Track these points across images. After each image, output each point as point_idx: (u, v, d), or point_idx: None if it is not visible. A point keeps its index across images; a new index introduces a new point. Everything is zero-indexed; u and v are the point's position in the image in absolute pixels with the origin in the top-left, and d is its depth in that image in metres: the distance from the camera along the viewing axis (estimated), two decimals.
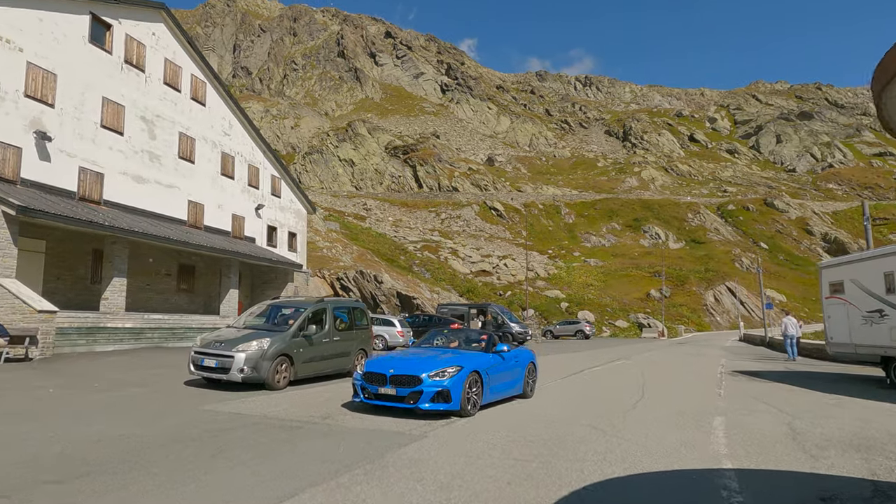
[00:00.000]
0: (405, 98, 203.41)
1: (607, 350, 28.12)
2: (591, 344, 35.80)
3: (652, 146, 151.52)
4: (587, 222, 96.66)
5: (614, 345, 35.04)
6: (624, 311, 56.58)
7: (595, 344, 35.70)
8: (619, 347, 31.35)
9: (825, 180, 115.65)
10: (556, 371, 15.87)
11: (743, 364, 19.74)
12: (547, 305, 56.07)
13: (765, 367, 18.35)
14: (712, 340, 41.70)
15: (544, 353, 24.86)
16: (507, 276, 69.24)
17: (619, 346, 33.86)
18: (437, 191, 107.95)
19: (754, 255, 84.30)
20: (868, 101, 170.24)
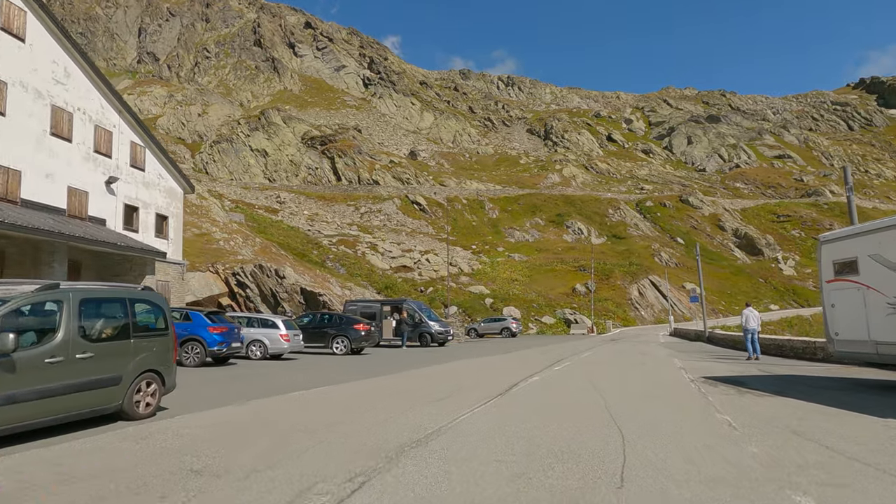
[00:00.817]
0: (326, 91, 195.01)
1: (539, 350, 24.10)
2: (519, 343, 31.85)
3: (572, 145, 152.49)
4: (511, 217, 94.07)
5: (544, 343, 31.26)
6: (550, 306, 53.57)
7: (523, 343, 31.77)
8: (551, 346, 27.50)
9: (733, 179, 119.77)
10: (481, 385, 11.34)
11: (705, 366, 16.07)
12: (471, 302, 52.05)
13: (737, 370, 14.68)
14: (643, 336, 39.03)
15: (468, 356, 20.37)
16: (430, 272, 64.81)
17: (549, 344, 30.08)
18: (357, 184, 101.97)
19: (672, 249, 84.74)
20: (766, 108, 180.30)
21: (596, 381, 12.33)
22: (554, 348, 25.85)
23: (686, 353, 21.64)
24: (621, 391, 10.68)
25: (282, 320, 17.95)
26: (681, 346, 26.64)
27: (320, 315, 22.29)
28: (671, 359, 18.69)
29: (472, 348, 27.17)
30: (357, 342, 21.21)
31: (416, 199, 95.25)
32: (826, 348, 14.32)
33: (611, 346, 27.38)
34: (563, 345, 29.50)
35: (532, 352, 23.25)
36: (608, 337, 38.82)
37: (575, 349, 24.84)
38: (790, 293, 75.64)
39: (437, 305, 51.82)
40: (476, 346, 29.71)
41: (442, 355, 21.59)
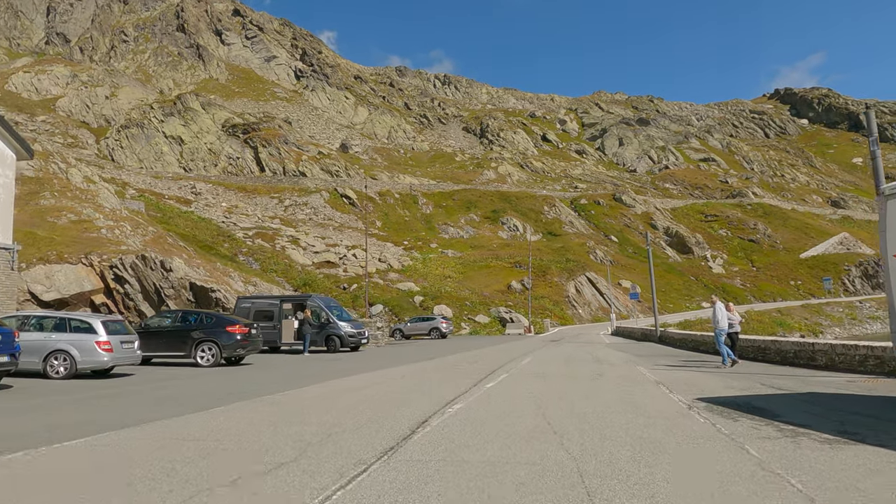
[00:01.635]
0: (255, 81, 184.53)
1: (469, 356, 19.48)
2: (448, 346, 27.18)
3: (508, 143, 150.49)
4: (445, 213, 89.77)
5: (477, 345, 26.74)
6: (484, 304, 49.42)
7: (453, 346, 27.12)
8: (485, 350, 22.98)
9: (662, 180, 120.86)
10: (362, 428, 6.40)
11: (684, 378, 11.85)
12: (399, 300, 47.06)
13: (735, 385, 10.47)
14: (584, 335, 35.36)
15: (377, 366, 15.43)
16: (356, 268, 59.29)
17: (483, 346, 25.58)
18: (282, 175, 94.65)
19: (607, 247, 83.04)
20: (691, 114, 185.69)
21: (550, 414, 7.69)
22: (487, 353, 21.33)
23: (645, 356, 17.61)
24: (599, 438, 6.03)
25: (102, 321, 12.31)
26: (631, 347, 22.78)
27: (182, 314, 16.66)
28: (634, 367, 14.47)
29: (391, 354, 22.24)
30: (231, 349, 15.80)
31: (345, 193, 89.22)
32: (888, 354, 10.37)
33: (553, 348, 23.17)
34: (497, 347, 25.10)
35: (460, 358, 18.59)
36: (547, 337, 34.87)
37: (511, 353, 20.39)
38: (720, 291, 75.29)
39: (361, 304, 46.53)
40: (397, 350, 24.77)
41: (344, 365, 16.53)
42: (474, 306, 48.41)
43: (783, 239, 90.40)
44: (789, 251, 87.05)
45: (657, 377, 11.92)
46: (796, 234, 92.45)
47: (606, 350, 21.11)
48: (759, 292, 76.37)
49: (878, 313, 65.79)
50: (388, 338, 36.86)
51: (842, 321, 62.35)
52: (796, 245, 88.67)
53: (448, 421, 7.19)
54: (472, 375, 12.86)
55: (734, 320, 15.01)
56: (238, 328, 16.00)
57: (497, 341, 31.21)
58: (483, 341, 31.93)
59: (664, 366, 14.64)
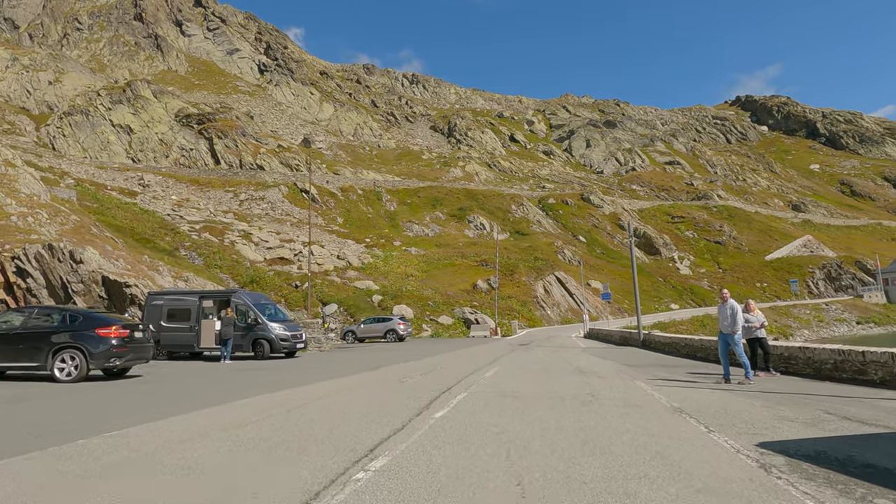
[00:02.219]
0: (216, 74, 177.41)
1: (423, 365, 15.82)
2: (404, 350, 23.48)
3: (475, 143, 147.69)
4: (410, 210, 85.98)
5: (436, 350, 23.11)
6: (448, 304, 45.84)
7: (408, 351, 23.42)
8: (444, 357, 19.37)
9: (629, 182, 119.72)
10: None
11: (714, 403, 8.45)
12: (355, 299, 43.06)
13: (803, 420, 7.03)
14: (556, 338, 32.10)
15: (307, 380, 11.62)
16: (312, 265, 54.95)
17: (443, 351, 21.97)
18: (239, 168, 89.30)
19: (575, 247, 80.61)
20: (656, 118, 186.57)
21: (532, 487, 4.08)
22: (446, 360, 17.72)
23: (636, 366, 14.26)
24: None
25: None
26: (614, 353, 19.48)
27: (39, 312, 12.49)
28: (631, 381, 11.05)
29: (331, 361, 18.41)
30: (101, 358, 11.74)
31: (305, 188, 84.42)
32: None
33: (524, 354, 19.71)
34: (459, 352, 21.52)
35: (412, 368, 14.94)
36: (515, 340, 31.47)
37: (475, 361, 16.83)
38: (688, 292, 73.66)
39: (315, 303, 42.39)
40: (341, 356, 20.93)
41: (262, 378, 12.68)
42: (437, 306, 44.78)
43: (748, 241, 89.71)
44: (754, 253, 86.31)
45: (671, 400, 8.50)
46: (760, 237, 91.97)
47: (587, 357, 17.73)
48: None
49: (844, 315, 65.03)
50: (338, 341, 32.91)
51: (809, 323, 61.15)
52: (761, 247, 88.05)
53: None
54: (420, 396, 9.21)
55: (755, 322, 11.76)
56: (114, 330, 11.93)
57: (460, 345, 27.63)
58: (444, 345, 28.31)
59: (667, 380, 11.27)
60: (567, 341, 28.21)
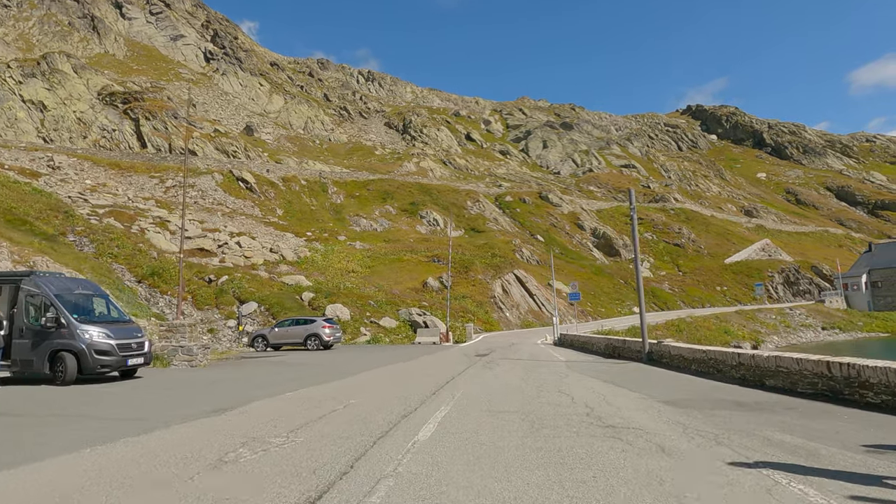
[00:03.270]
0: (157, 60, 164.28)
1: (324, 399, 8.89)
2: (319, 365, 16.38)
3: (431, 140, 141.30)
4: (358, 204, 78.48)
5: (364, 365, 16.13)
6: (393, 304, 38.81)
7: (325, 366, 16.34)
8: (369, 378, 12.42)
9: (586, 183, 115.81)
10: None
11: None
12: (280, 297, 35.46)
13: None
14: (520, 345, 25.60)
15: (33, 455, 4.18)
16: (238, 258, 46.91)
17: (371, 367, 15.01)
18: (167, 153, 79.55)
19: (533, 246, 74.99)
20: (610, 124, 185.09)
21: None
22: (369, 387, 10.87)
23: (702, 412, 7.67)
24: None
25: None
26: (618, 374, 13.00)
27: None
28: (770, 480, 4.39)
29: (172, 389, 11.17)
30: None
31: (242, 176, 75.68)
32: None
33: (486, 375, 12.99)
34: (395, 369, 14.67)
35: (302, 408, 8.10)
36: (471, 348, 24.78)
37: (410, 392, 10.02)
38: (650, 295, 69.09)
39: (229, 300, 34.60)
40: (215, 376, 13.68)
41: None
42: (380, 306, 37.70)
43: (707, 244, 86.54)
44: (713, 256, 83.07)
45: None
46: (719, 240, 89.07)
47: (587, 383, 11.16)
48: (687, 297, 70.96)
49: (809, 321, 61.76)
50: (248, 349, 25.47)
51: (776, 328, 57.34)
52: (720, 251, 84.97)
53: None
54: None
55: None
56: None
57: (400, 355, 20.74)
58: (380, 355, 21.37)
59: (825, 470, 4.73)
60: (537, 351, 21.76)
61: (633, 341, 17.64)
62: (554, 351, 21.82)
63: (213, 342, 30.64)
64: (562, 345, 26.05)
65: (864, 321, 61.66)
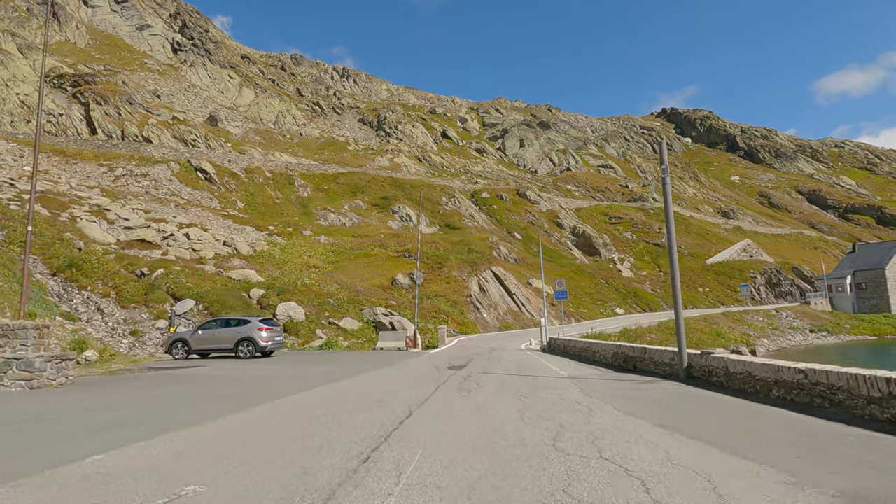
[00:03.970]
0: (122, 50, 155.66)
1: (139, 473, 3.90)
2: (231, 383, 11.42)
3: (406, 136, 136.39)
4: (326, 197, 73.17)
5: (287, 387, 11.24)
6: (356, 303, 33.87)
7: (236, 385, 11.40)
8: (265, 415, 7.54)
9: (564, 181, 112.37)
10: None
11: None
12: (223, 294, 30.20)
13: None
14: (502, 352, 20.95)
15: None
16: (184, 251, 41.33)
17: (292, 392, 10.14)
18: (119, 140, 73.05)
19: (510, 244, 70.76)
20: (587, 125, 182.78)
21: None
22: (262, 427, 6.17)
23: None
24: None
25: None
26: (666, 405, 8.45)
27: None
28: None
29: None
30: None
31: (201, 166, 69.69)
32: None
33: (466, 408, 8.33)
34: (325, 393, 9.93)
35: (78, 491, 3.07)
36: (444, 357, 20.04)
37: (314, 461, 5.29)
38: (632, 296, 65.50)
39: (160, 297, 29.20)
40: (38, 406, 8.65)
41: None
42: (341, 305, 32.73)
43: (687, 244, 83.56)
44: (694, 257, 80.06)
45: None
46: (699, 240, 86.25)
47: (627, 424, 6.65)
48: (670, 298, 67.37)
49: (796, 323, 58.79)
50: (158, 355, 20.30)
51: (765, 331, 54.11)
52: (700, 251, 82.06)
53: None
54: None
55: None
56: None
57: (350, 367, 15.90)
58: (324, 367, 16.49)
59: None
60: (525, 360, 17.15)
61: (657, 350, 13.15)
62: (545, 360, 17.26)
63: (135, 346, 25.32)
64: (552, 351, 21.53)
65: (850, 324, 58.98)
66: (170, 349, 19.88)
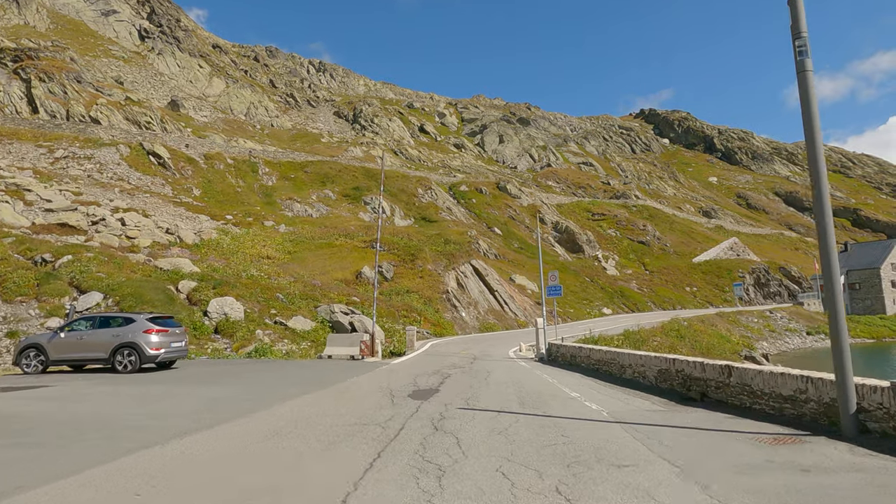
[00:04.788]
0: (85, 35, 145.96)
1: None
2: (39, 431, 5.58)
3: (382, 130, 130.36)
4: (293, 186, 66.94)
5: (83, 457, 5.54)
6: (312, 299, 28.08)
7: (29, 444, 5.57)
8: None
9: (545, 178, 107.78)
10: None
11: None
12: (141, 286, 24.09)
13: None
14: (491, 364, 15.46)
15: None
16: (115, 238, 34.96)
17: (107, 460, 4.43)
18: (64, 120, 65.65)
19: (490, 239, 65.54)
20: (566, 125, 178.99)
21: None
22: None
23: None
24: None
25: None
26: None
27: None
28: None
29: None
30: None
31: (154, 150, 62.77)
32: None
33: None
34: (147, 470, 4.33)
35: None
36: (408, 372, 14.44)
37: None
38: (619, 295, 60.85)
39: (63, 290, 23.00)
40: None
41: None
42: (292, 301, 26.92)
43: (672, 242, 79.50)
44: (680, 255, 75.99)
45: None
46: (684, 238, 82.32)
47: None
48: (657, 298, 63.13)
49: (793, 325, 54.85)
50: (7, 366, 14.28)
51: (762, 333, 49.93)
52: (686, 249, 78.05)
53: None
54: None
55: None
56: None
57: (253, 397, 10.25)
58: (224, 390, 10.81)
59: None
60: (525, 377, 11.68)
61: (754, 372, 7.80)
62: (552, 377, 11.85)
63: (8, 353, 19.18)
64: (553, 361, 16.14)
65: (847, 326, 55.15)
66: (18, 359, 13.94)
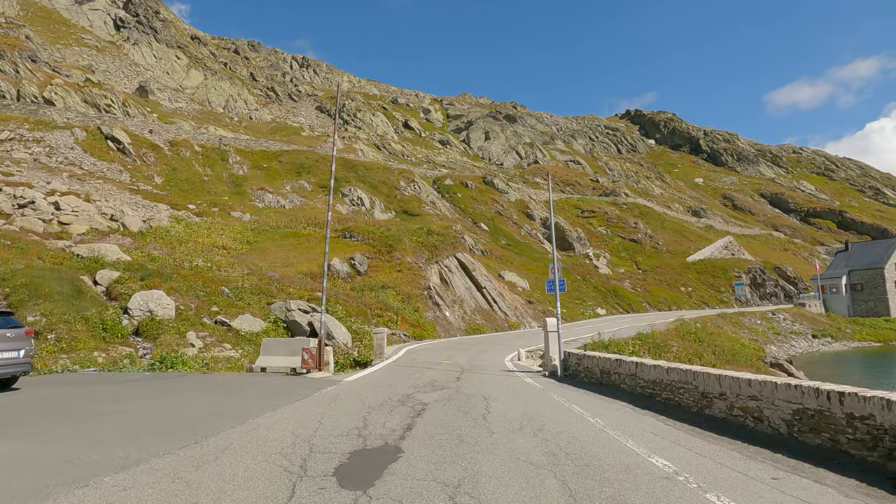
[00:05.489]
0: (57, 23, 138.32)
1: None
2: None
3: (365, 125, 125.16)
4: (266, 176, 61.68)
5: None
6: (266, 294, 23.14)
7: None
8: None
9: (532, 174, 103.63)
10: None
11: None
12: (41, 276, 18.94)
13: None
14: (485, 382, 10.80)
15: None
16: (41, 223, 29.63)
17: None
18: (14, 101, 59.59)
19: (476, 235, 60.98)
20: (552, 124, 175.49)
21: None
22: None
23: None
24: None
25: None
26: None
27: None
28: None
29: None
30: None
31: (113, 134, 57.04)
32: None
33: None
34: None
35: None
36: (361, 395, 9.73)
37: None
38: (612, 294, 56.68)
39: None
40: None
41: None
42: (240, 296, 21.97)
43: (665, 241, 75.74)
44: (673, 254, 72.21)
45: None
46: (677, 237, 78.65)
47: None
48: (652, 298, 59.11)
49: (796, 327, 51.20)
50: None
51: (767, 336, 46.04)
52: (679, 248, 74.32)
53: None
54: None
55: None
56: None
57: (75, 459, 5.35)
58: (35, 446, 5.89)
59: None
60: (546, 413, 7.12)
61: None
62: (592, 413, 7.25)
63: None
64: (573, 378, 11.55)
65: (852, 328, 51.70)
66: None
